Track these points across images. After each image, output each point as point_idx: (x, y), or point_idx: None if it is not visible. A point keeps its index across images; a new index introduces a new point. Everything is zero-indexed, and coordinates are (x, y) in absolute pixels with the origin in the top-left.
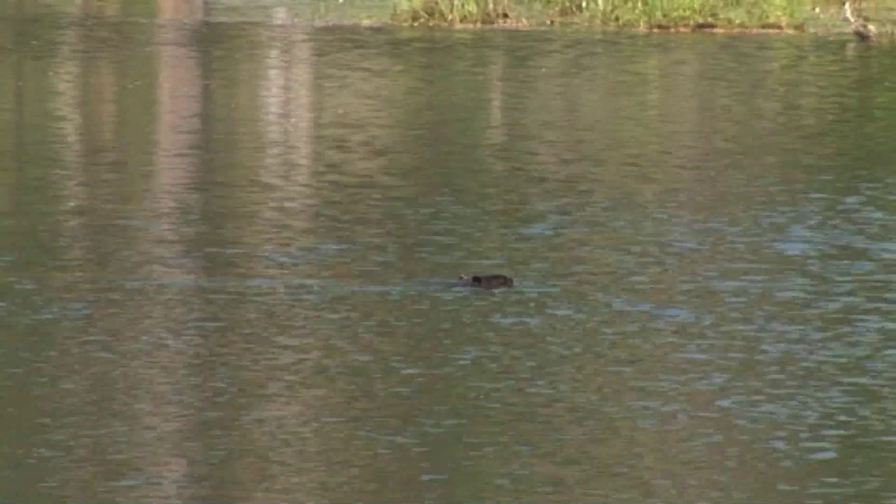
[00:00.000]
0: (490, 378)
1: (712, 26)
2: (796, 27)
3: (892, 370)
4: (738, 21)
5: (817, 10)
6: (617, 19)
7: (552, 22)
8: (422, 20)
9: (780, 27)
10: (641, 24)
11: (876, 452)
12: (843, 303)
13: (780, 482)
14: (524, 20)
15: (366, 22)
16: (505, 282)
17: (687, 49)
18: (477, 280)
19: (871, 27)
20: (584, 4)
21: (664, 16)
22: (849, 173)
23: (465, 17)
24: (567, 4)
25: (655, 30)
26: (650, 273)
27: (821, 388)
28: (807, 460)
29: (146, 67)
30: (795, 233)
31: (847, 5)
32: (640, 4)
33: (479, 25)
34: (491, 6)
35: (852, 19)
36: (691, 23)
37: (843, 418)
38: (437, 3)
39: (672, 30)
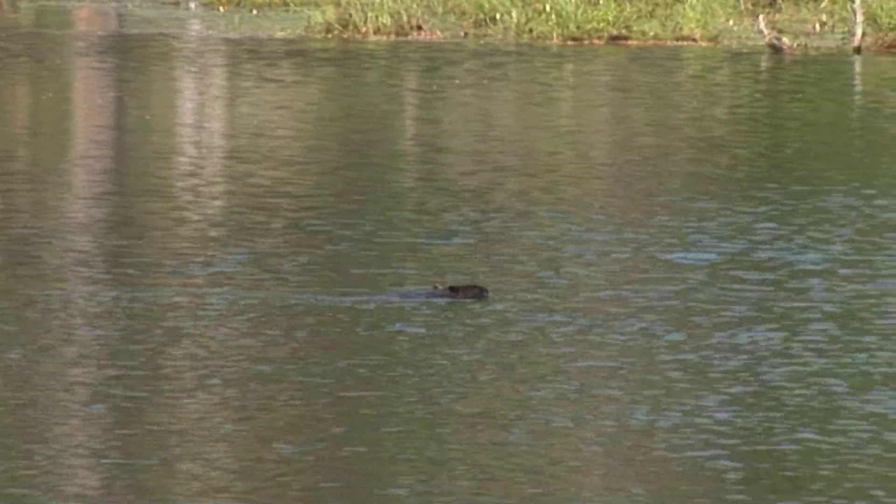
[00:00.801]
0: (395, 386)
1: (626, 38)
2: (710, 39)
3: (783, 378)
4: (651, 33)
5: (731, 22)
6: (531, 31)
7: (466, 34)
8: (335, 32)
9: (694, 39)
10: (555, 36)
11: (770, 459)
12: (739, 311)
13: (678, 487)
14: (438, 32)
15: (280, 34)
16: (480, 292)
17: (600, 61)
18: (454, 290)
19: (785, 40)
20: (498, 17)
21: (578, 28)
22: (753, 184)
23: (378, 29)
24: (481, 17)
25: (569, 42)
26: (557, 282)
27: (715, 395)
28: (703, 466)
29: (60, 79)
30: (697, 242)
31: (761, 18)
32: (553, 17)
33: (392, 37)
34: (405, 18)
35: (766, 32)
36: (605, 35)
37: (736, 425)
38: (350, 16)
39: (586, 42)
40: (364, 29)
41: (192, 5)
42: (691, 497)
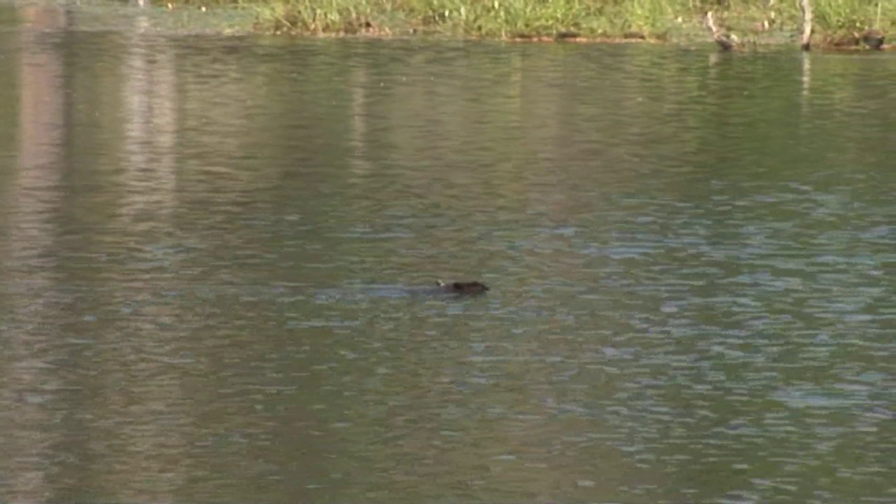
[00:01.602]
0: (342, 381)
1: (575, 36)
2: (659, 36)
3: (718, 372)
4: (600, 30)
5: (679, 19)
6: (479, 29)
7: (415, 31)
8: (284, 29)
9: (642, 36)
10: (504, 33)
11: (706, 453)
12: (676, 306)
13: (619, 481)
14: (387, 29)
15: (228, 31)
16: (482, 289)
17: (548, 58)
18: (458, 287)
19: (734, 37)
20: (446, 14)
21: (526, 25)
22: (698, 180)
23: (327, 26)
24: (430, 14)
25: (518, 39)
26: (500, 278)
27: (650, 390)
28: (641, 461)
29: (7, 76)
30: (636, 237)
31: (709, 15)
32: (502, 14)
33: (341, 34)
34: (353, 15)
35: (714, 29)
36: (554, 32)
37: (673, 420)
38: (299, 13)
39: (534, 39)
40: (312, 26)
41: (141, 2)
42: (632, 491)
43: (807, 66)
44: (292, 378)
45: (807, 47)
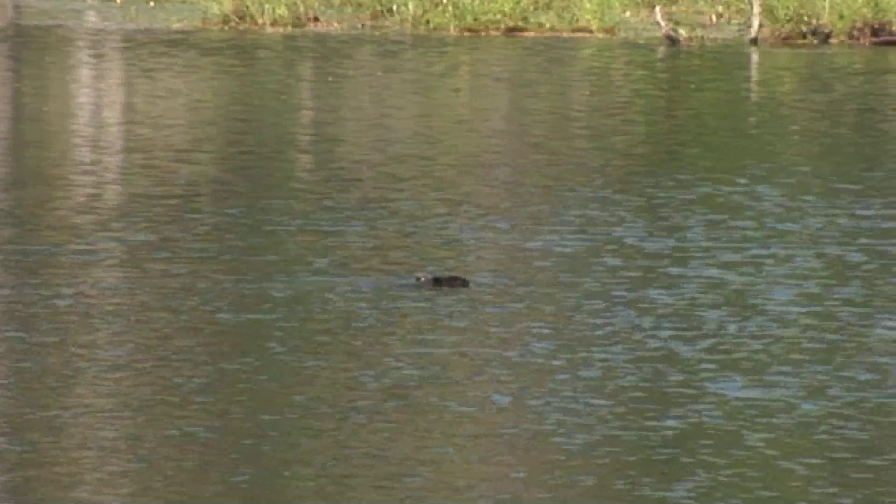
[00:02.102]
0: (296, 372)
1: (523, 30)
2: (607, 31)
3: (653, 363)
4: (548, 25)
5: (628, 14)
6: (428, 23)
7: (363, 25)
8: (232, 24)
9: (590, 31)
10: (452, 28)
11: (638, 443)
12: (612, 297)
13: (553, 472)
14: (335, 24)
15: (176, 25)
16: (462, 283)
17: (496, 52)
18: (437, 281)
19: (682, 31)
20: (394, 8)
21: (475, 19)
22: (644, 172)
23: (275, 20)
24: (378, 8)
25: (466, 33)
26: (443, 270)
27: (586, 381)
28: (575, 452)
29: None
30: (579, 229)
31: (657, 9)
32: (450, 8)
33: (289, 29)
34: (301, 10)
35: (662, 24)
36: (502, 26)
37: (606, 410)
38: (247, 7)
39: (483, 33)
40: (261, 20)
41: None
42: (565, 482)
43: (754, 60)
44: (232, 371)
45: (754, 41)
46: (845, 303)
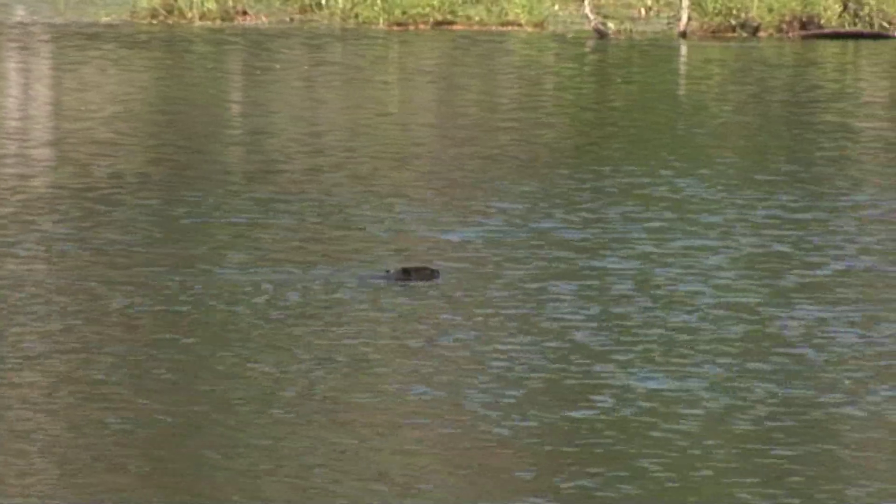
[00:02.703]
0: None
1: (452, 24)
2: (536, 24)
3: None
4: (477, 18)
5: (557, 7)
6: (357, 17)
7: (292, 19)
8: (161, 17)
9: (519, 24)
10: (381, 21)
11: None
12: (534, 291)
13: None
14: (264, 17)
15: (105, 19)
16: (432, 274)
17: (425, 46)
18: (406, 272)
19: (610, 24)
20: (323, 2)
21: (403, 13)
22: (570, 164)
23: (204, 14)
24: (307, 2)
25: (395, 27)
26: (373, 263)
27: (497, 373)
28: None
29: None
30: (502, 222)
31: (586, 3)
32: (379, 2)
33: (218, 23)
34: (230, 3)
35: (591, 17)
36: (431, 20)
37: (510, 405)
38: (176, 1)
39: (411, 27)
40: (189, 14)
41: None
42: (479, 470)
43: (683, 53)
44: (149, 363)
45: (683, 35)
46: (761, 294)
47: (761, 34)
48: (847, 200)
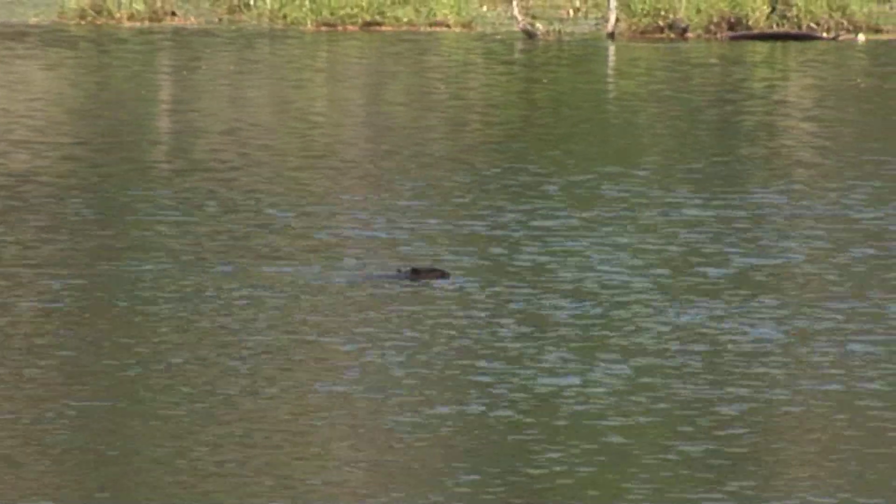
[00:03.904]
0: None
1: (380, 24)
2: (464, 25)
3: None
4: (405, 19)
5: (485, 8)
6: (285, 17)
7: (220, 20)
8: (89, 18)
9: (447, 25)
10: (309, 22)
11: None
12: (456, 292)
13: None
14: (192, 18)
15: (33, 20)
16: (441, 275)
17: (353, 46)
18: (416, 272)
19: (539, 25)
20: (252, 2)
21: (332, 14)
22: (493, 166)
23: (132, 14)
24: (235, 3)
25: (323, 28)
26: (299, 264)
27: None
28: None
29: None
30: (429, 223)
31: (514, 3)
32: (307, 2)
33: (146, 23)
34: (158, 4)
35: (520, 18)
36: (359, 21)
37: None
38: (104, 1)
39: (340, 28)
40: (118, 15)
41: None
42: (397, 470)
43: (611, 54)
44: (84, 360)
45: (612, 35)
46: (689, 290)
47: (689, 35)
48: (771, 199)
